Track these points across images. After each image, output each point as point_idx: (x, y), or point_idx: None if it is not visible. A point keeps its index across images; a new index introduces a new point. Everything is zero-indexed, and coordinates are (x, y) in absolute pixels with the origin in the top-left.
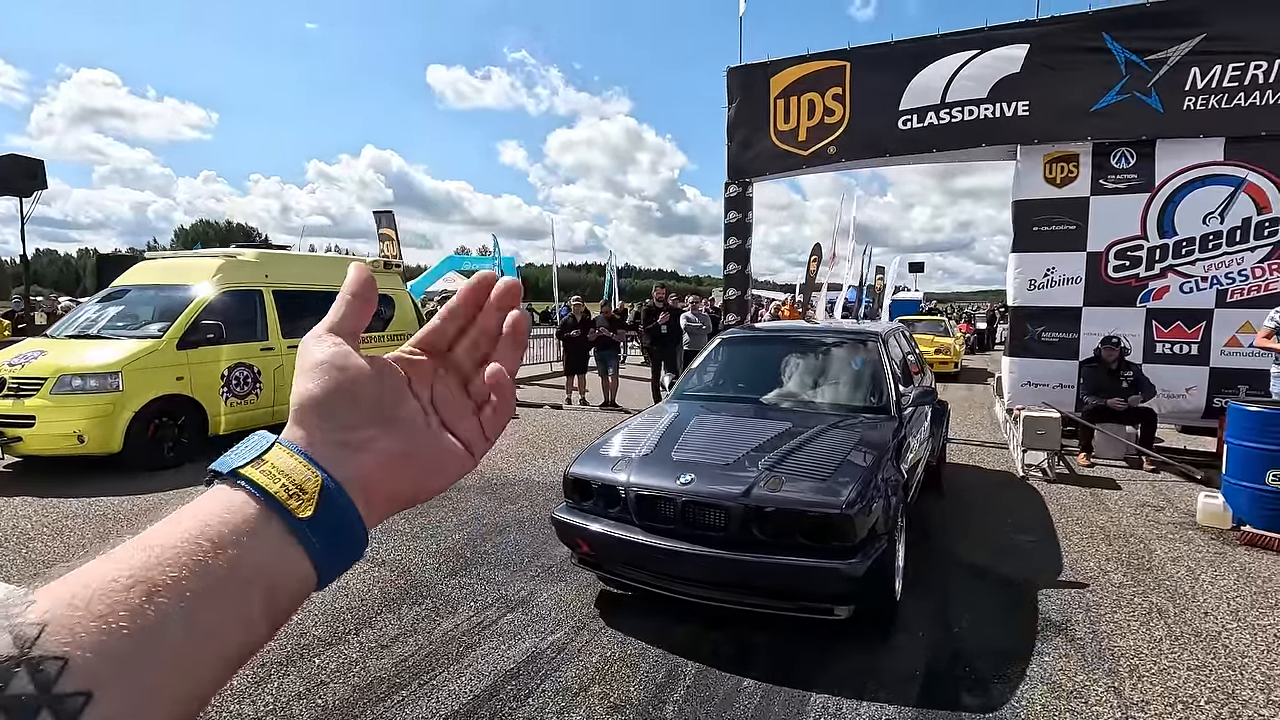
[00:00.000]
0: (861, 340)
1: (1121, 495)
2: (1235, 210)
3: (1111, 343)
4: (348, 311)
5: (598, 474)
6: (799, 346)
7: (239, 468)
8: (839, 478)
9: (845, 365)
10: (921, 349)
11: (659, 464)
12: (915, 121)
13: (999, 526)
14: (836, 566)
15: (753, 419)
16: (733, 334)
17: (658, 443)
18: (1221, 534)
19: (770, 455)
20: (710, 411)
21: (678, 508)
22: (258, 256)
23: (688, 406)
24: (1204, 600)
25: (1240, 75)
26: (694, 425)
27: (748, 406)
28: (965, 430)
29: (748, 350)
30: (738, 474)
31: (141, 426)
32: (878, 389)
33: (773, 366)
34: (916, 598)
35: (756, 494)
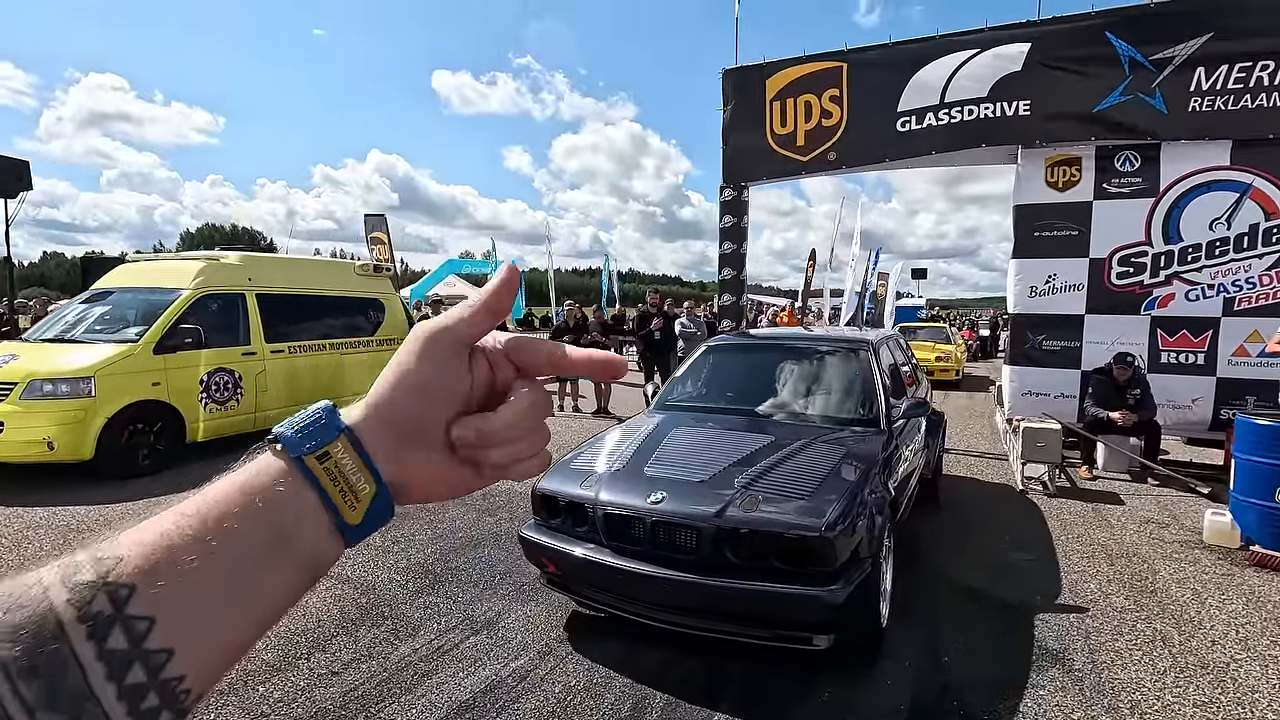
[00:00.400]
0: (852, 349)
1: (1125, 511)
2: (1242, 216)
3: (1126, 361)
4: (474, 319)
5: (565, 490)
6: (787, 355)
7: (305, 454)
8: (820, 496)
9: (834, 375)
10: (923, 356)
11: (630, 480)
12: (914, 123)
13: (995, 544)
14: (815, 593)
15: (735, 432)
16: (719, 342)
17: (631, 457)
18: (1229, 554)
19: (749, 471)
20: (691, 423)
21: (647, 528)
22: (241, 259)
23: (669, 417)
24: (1211, 627)
25: (1246, 77)
26: (672, 438)
27: (731, 418)
28: (965, 440)
29: (734, 359)
30: (712, 492)
31: (115, 433)
32: (867, 401)
33: (759, 376)
34: (905, 623)
35: (730, 514)
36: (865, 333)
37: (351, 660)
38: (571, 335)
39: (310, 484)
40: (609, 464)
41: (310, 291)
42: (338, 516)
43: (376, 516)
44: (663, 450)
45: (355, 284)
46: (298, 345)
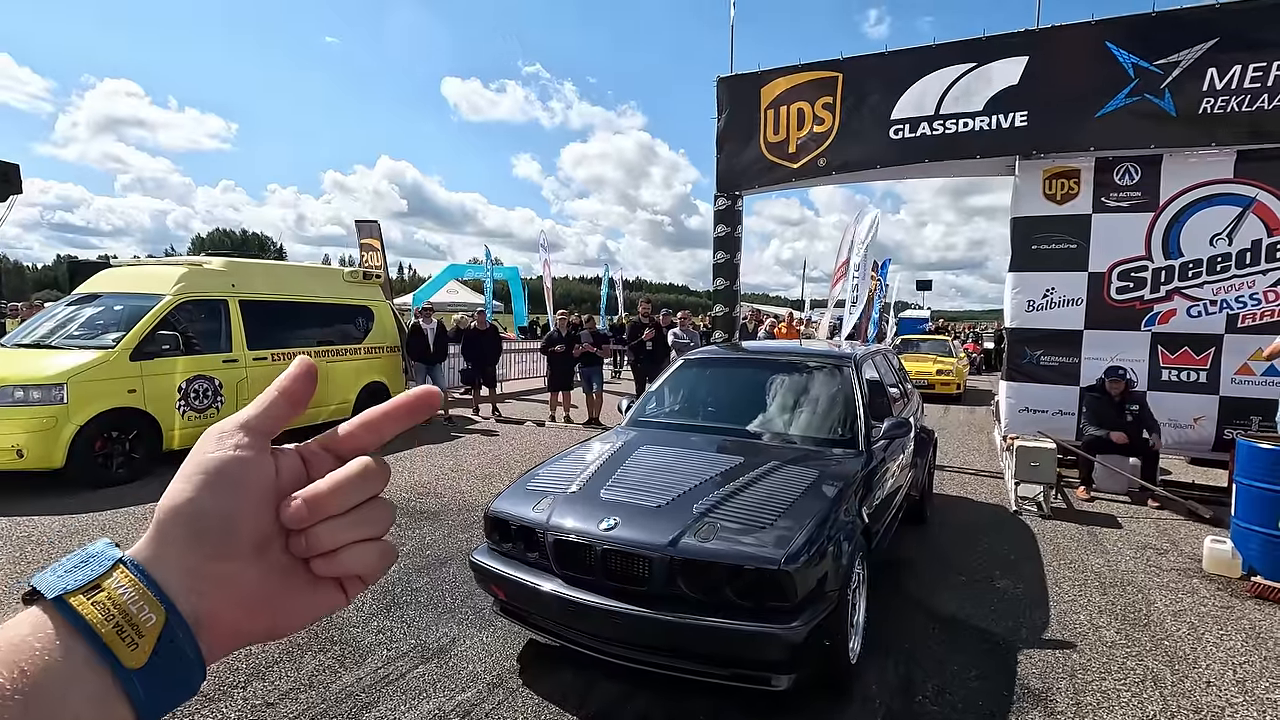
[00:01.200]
0: (834, 365)
1: (1121, 535)
2: (1244, 231)
3: (1117, 374)
4: (270, 409)
5: (517, 513)
6: (766, 370)
7: (68, 593)
8: (783, 524)
9: (813, 393)
10: (923, 369)
11: (584, 504)
12: (907, 131)
13: (982, 569)
14: (773, 631)
15: (703, 452)
16: (696, 355)
17: (590, 478)
18: (1229, 584)
19: (710, 497)
20: (659, 442)
21: (598, 556)
22: (224, 265)
23: (638, 435)
24: (1207, 666)
25: (1263, 75)
26: (636, 458)
27: (702, 437)
28: (962, 457)
29: (710, 373)
30: (667, 519)
31: (88, 441)
32: (845, 420)
33: (736, 392)
34: (880, 656)
35: (684, 544)
36: (851, 348)
37: (290, 690)
38: (564, 345)
39: (76, 631)
40: (566, 485)
41: (296, 298)
42: (117, 665)
43: (171, 659)
44: (624, 471)
45: (344, 291)
46: (282, 352)
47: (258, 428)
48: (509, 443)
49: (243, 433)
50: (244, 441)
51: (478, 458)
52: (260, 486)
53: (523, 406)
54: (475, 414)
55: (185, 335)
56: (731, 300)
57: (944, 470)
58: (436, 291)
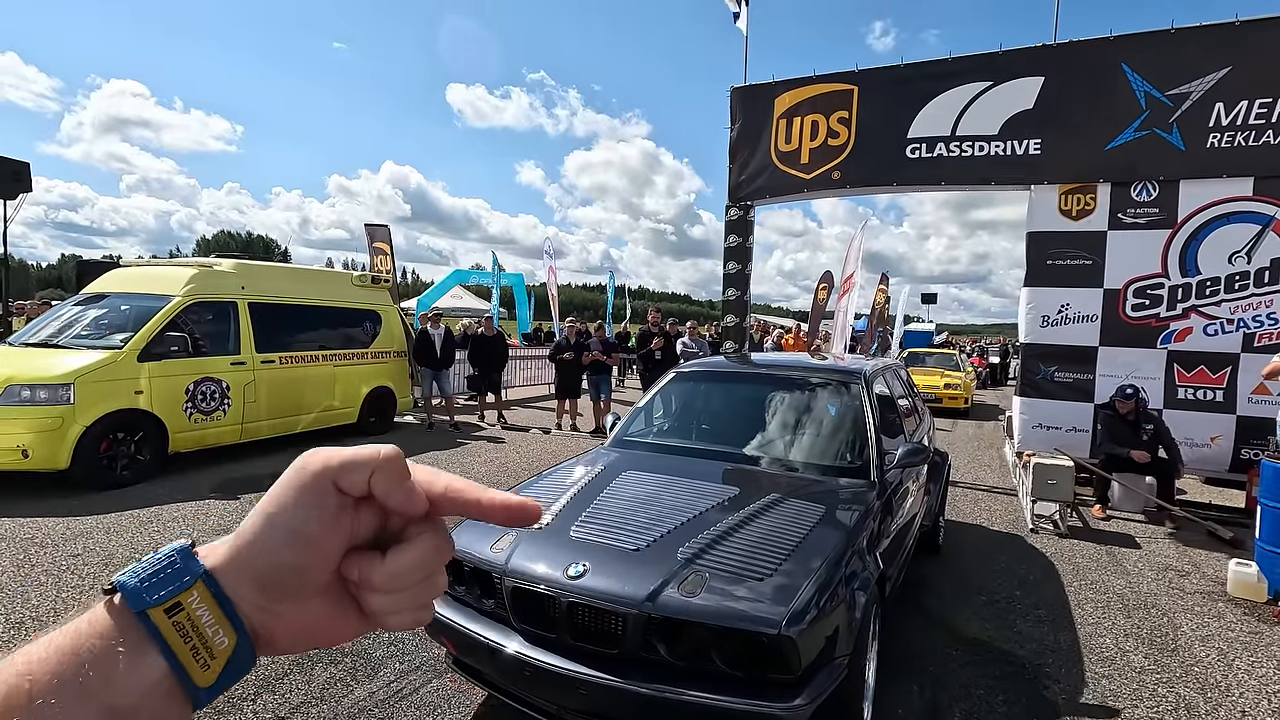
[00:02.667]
0: (841, 382)
1: (1141, 556)
2: (1264, 250)
3: (1127, 394)
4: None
5: (473, 551)
6: (765, 385)
7: (151, 607)
8: (784, 576)
9: (818, 413)
10: (931, 383)
11: (551, 544)
12: (924, 151)
13: (1002, 589)
14: (770, 712)
15: (692, 480)
16: (689, 367)
17: (561, 510)
18: (1256, 608)
19: (699, 538)
20: (643, 466)
21: (563, 610)
22: (234, 267)
23: (621, 457)
24: (1240, 695)
25: (1268, 112)
26: (616, 487)
27: (692, 462)
28: (973, 473)
29: (705, 389)
30: (647, 566)
31: (93, 442)
32: (855, 445)
33: (732, 410)
34: (904, 678)
35: (665, 598)
36: (860, 362)
37: (301, 703)
38: (572, 352)
39: (154, 643)
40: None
41: (305, 301)
42: (187, 681)
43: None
44: (601, 503)
45: (352, 295)
46: (290, 356)
47: (350, 486)
48: (515, 450)
49: (335, 489)
50: (329, 504)
51: (484, 465)
52: (336, 545)
53: (528, 414)
54: (481, 420)
55: (193, 337)
56: (742, 311)
57: (956, 486)
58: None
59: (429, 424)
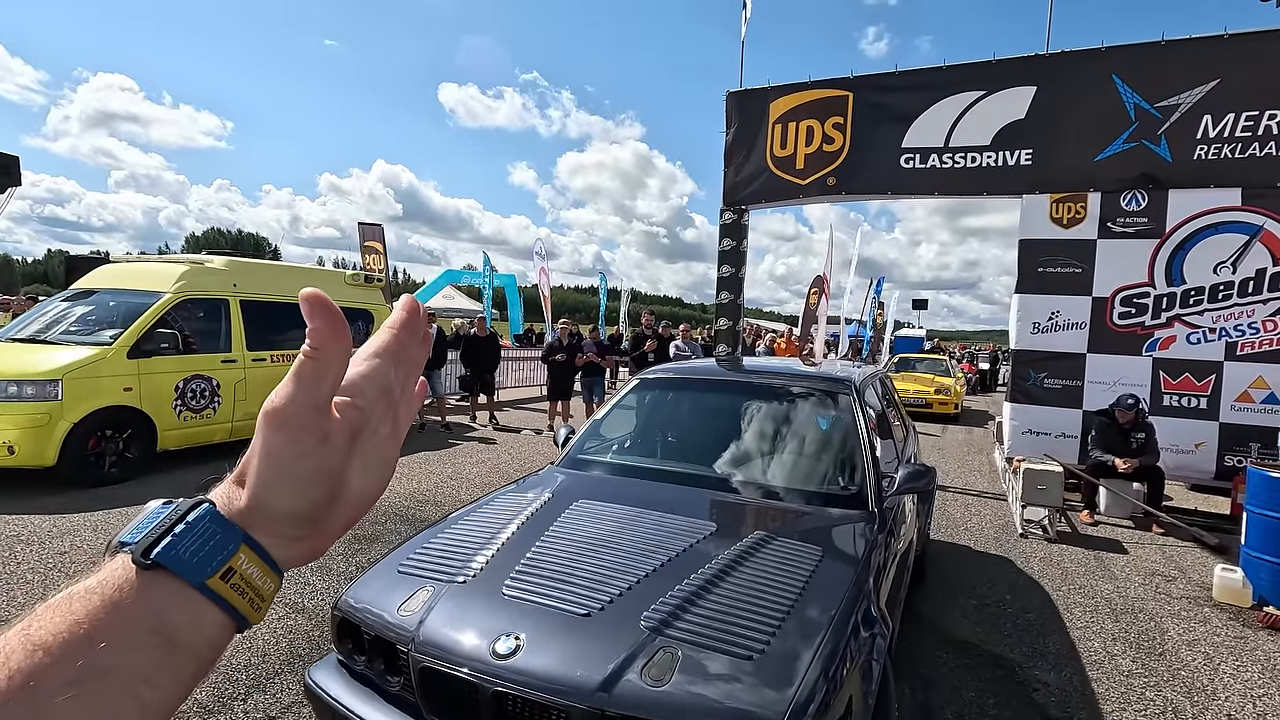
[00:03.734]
0: (828, 392)
1: (1128, 561)
2: (1249, 261)
3: (1129, 404)
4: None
5: (375, 613)
6: (744, 397)
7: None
8: (779, 653)
9: (804, 429)
10: (921, 389)
11: (478, 603)
12: (918, 161)
13: (992, 593)
14: None
15: (660, 515)
16: (656, 374)
17: (494, 556)
18: (1240, 613)
19: (669, 596)
20: (600, 494)
21: (489, 700)
22: (226, 264)
23: (574, 481)
24: (1226, 699)
25: (1254, 125)
26: (564, 523)
27: (659, 489)
28: (963, 478)
29: (674, 399)
30: (602, 639)
31: (81, 439)
32: (849, 468)
33: (706, 424)
34: (896, 680)
35: (626, 688)
36: (847, 369)
37: (291, 704)
38: (565, 354)
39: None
40: (458, 566)
41: (297, 300)
42: (243, 621)
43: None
44: (545, 545)
45: (346, 294)
46: (282, 354)
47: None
48: (507, 451)
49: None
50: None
51: (476, 466)
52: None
53: (520, 415)
54: (473, 421)
55: (184, 334)
56: (735, 314)
57: (946, 490)
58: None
59: (420, 424)
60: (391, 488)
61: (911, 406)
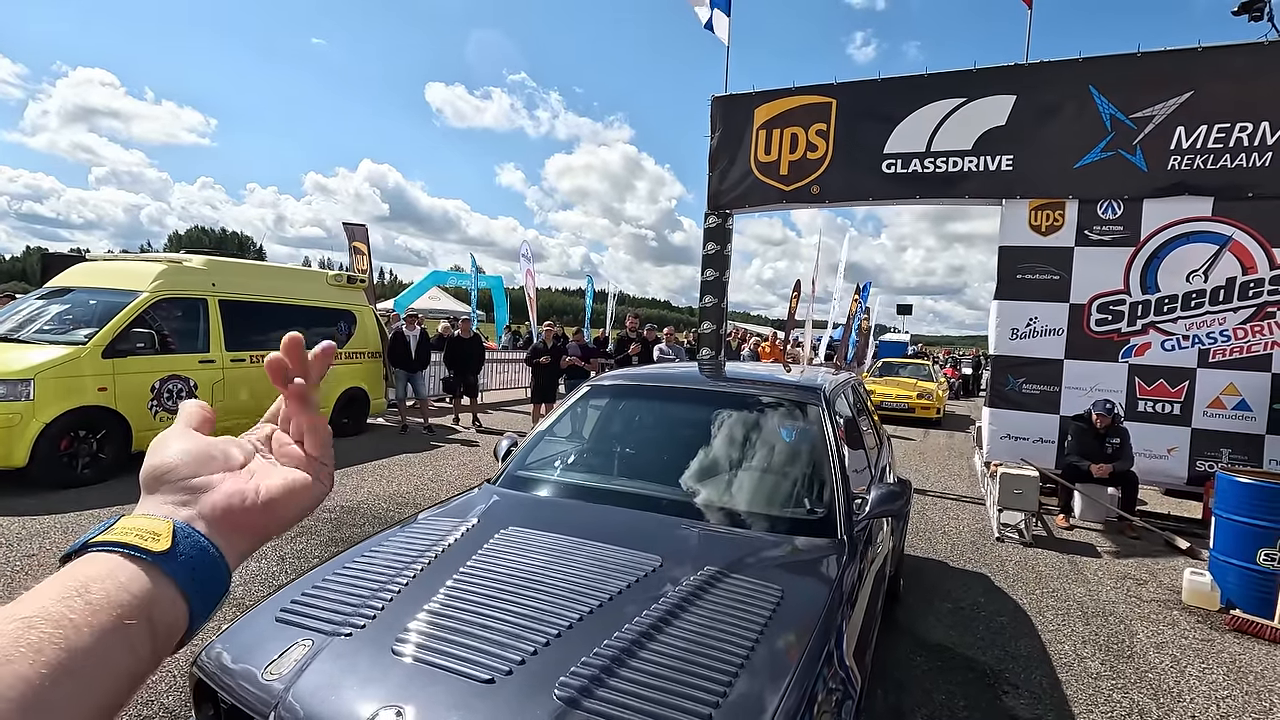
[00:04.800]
0: (795, 402)
1: (1101, 564)
2: (1220, 269)
3: (1105, 408)
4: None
5: (237, 673)
6: (703, 406)
7: (90, 540)
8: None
9: (767, 443)
10: (904, 394)
11: (361, 663)
12: (900, 166)
13: (967, 596)
14: None
15: (597, 546)
16: (608, 380)
17: (396, 597)
18: (1209, 616)
19: (596, 654)
20: (533, 520)
21: None
22: (205, 263)
23: (504, 505)
24: (1191, 700)
25: (1225, 137)
26: (486, 555)
27: (601, 513)
28: (943, 482)
29: (626, 408)
30: (502, 712)
31: (53, 440)
32: (816, 489)
33: (660, 437)
34: (868, 682)
35: None
36: (817, 376)
37: None
38: (549, 356)
39: (106, 550)
40: (344, 615)
41: (278, 300)
42: (144, 552)
43: (192, 547)
44: (456, 586)
45: (327, 294)
46: (261, 355)
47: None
48: (489, 454)
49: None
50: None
51: (458, 469)
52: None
53: (504, 417)
54: (455, 423)
55: (161, 334)
56: (719, 318)
57: (926, 495)
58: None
59: (403, 426)
60: (371, 490)
61: (894, 411)
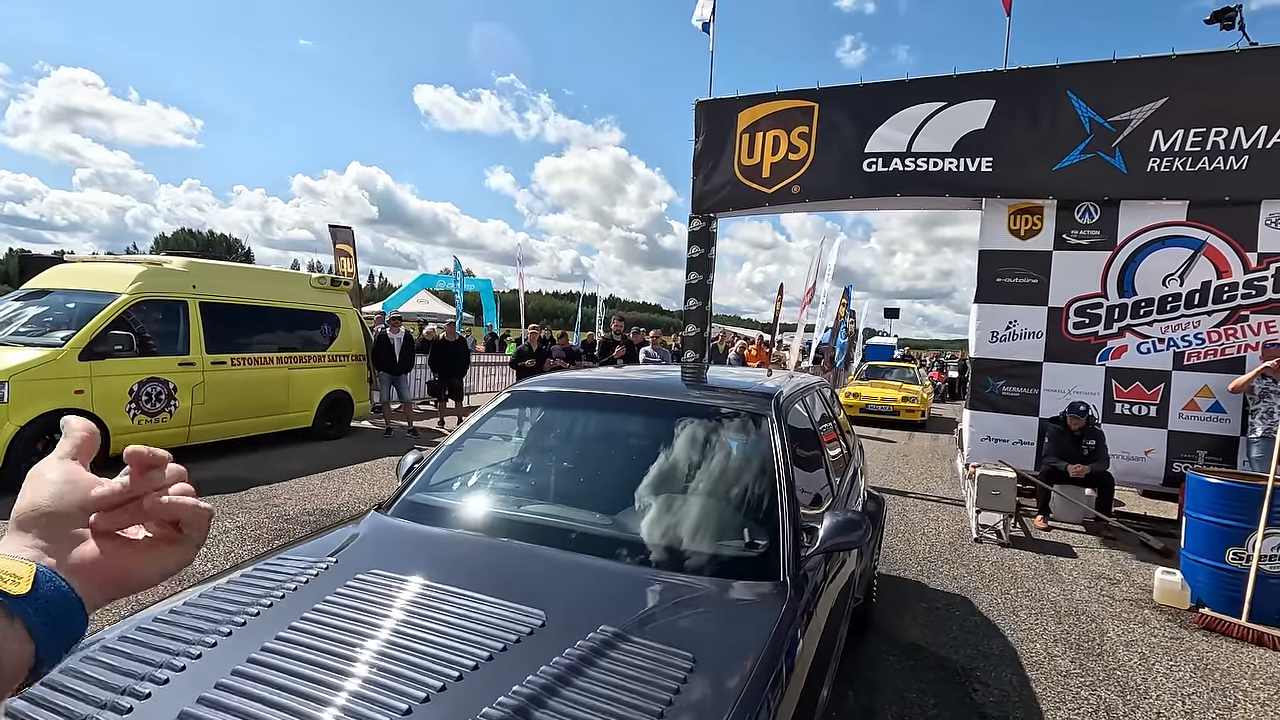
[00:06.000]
0: (741, 414)
1: (1076, 564)
2: (1195, 273)
3: (1080, 410)
4: (78, 450)
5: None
6: (634, 417)
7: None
8: None
9: (705, 464)
10: (889, 396)
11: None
12: (880, 165)
13: (942, 597)
14: None
15: (467, 596)
16: (529, 387)
17: (187, 668)
18: (1179, 615)
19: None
20: (401, 560)
21: None
22: (185, 265)
23: (374, 539)
24: (1157, 696)
25: (1201, 141)
26: (327, 608)
27: (490, 551)
28: (925, 484)
29: (548, 419)
30: None
31: (27, 443)
32: (757, 519)
33: (581, 453)
34: (841, 681)
35: None
36: (774, 381)
37: None
38: (534, 359)
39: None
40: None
41: (260, 302)
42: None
43: (51, 592)
44: (268, 654)
45: (311, 297)
46: (242, 357)
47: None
48: None
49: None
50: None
51: None
52: (87, 481)
53: None
54: (440, 426)
55: (141, 336)
56: (703, 321)
57: (907, 497)
58: (407, 300)
59: (387, 429)
60: (353, 493)
61: (879, 413)
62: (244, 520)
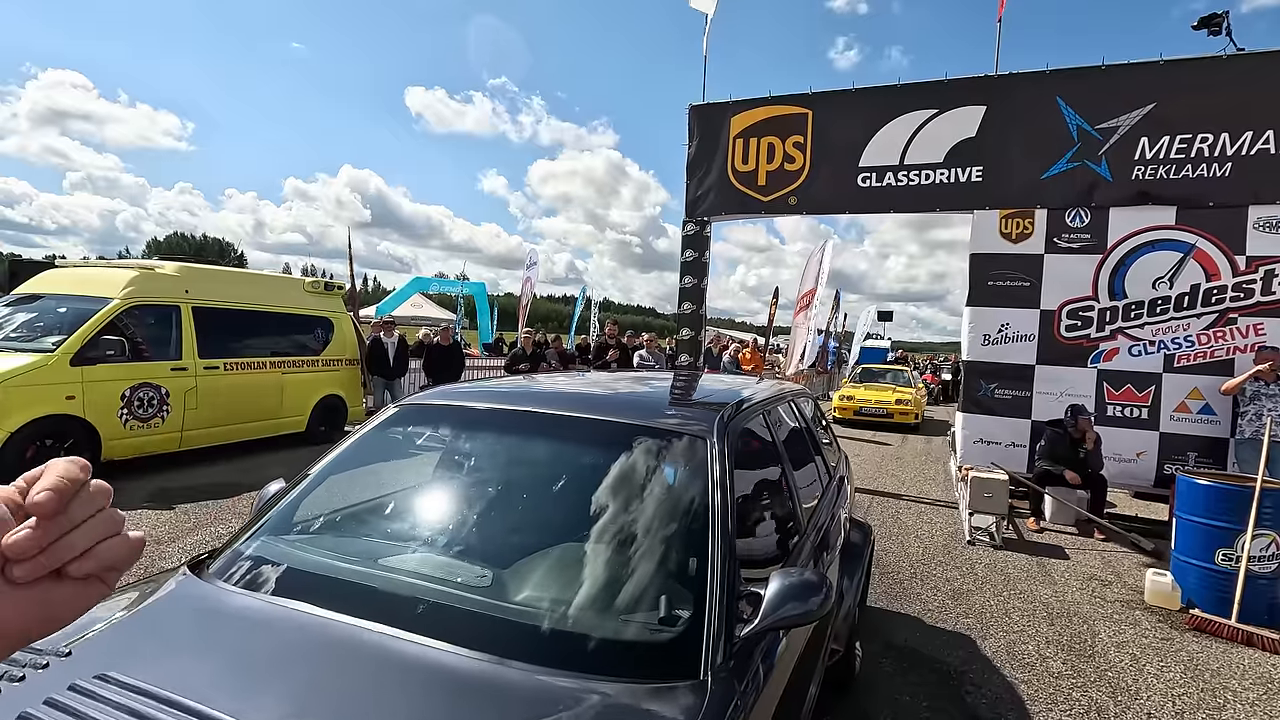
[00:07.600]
0: (678, 434)
1: (1069, 566)
2: (1184, 276)
3: (1086, 414)
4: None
5: None
6: (539, 441)
7: None
8: None
9: (618, 505)
10: (883, 399)
11: None
12: (874, 180)
13: (936, 599)
14: None
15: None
16: (417, 401)
17: None
18: (1170, 616)
19: None
20: (155, 655)
21: None
22: (178, 270)
23: (154, 611)
24: (1148, 697)
25: (1187, 148)
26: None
27: (300, 634)
28: (919, 486)
29: (441, 440)
30: None
31: (17, 449)
32: (677, 588)
33: (467, 487)
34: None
35: None
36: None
37: None
38: (528, 363)
39: None
40: None
41: (253, 307)
42: None
43: None
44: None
45: (304, 301)
46: (235, 362)
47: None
48: None
49: None
50: None
51: None
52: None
53: None
54: None
55: (133, 341)
56: (697, 324)
57: (901, 499)
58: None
59: None
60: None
61: (873, 416)
62: (236, 526)
